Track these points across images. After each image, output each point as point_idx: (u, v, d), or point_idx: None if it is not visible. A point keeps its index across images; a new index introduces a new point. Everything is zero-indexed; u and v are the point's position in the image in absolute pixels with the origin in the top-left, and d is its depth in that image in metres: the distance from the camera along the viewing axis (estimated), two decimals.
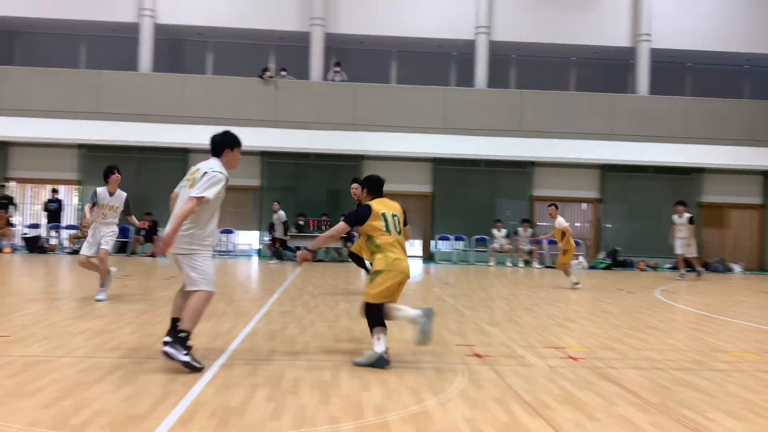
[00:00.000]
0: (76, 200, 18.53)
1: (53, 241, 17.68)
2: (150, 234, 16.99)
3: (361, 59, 21.45)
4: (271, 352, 5.41)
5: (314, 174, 19.08)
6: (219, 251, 18.46)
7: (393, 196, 5.54)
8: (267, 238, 18.18)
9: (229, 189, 5.03)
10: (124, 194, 8.44)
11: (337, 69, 19.78)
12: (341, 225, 5.24)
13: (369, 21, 20.16)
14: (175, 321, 4.86)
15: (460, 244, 19.14)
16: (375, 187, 5.43)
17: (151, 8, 19.38)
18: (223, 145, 4.97)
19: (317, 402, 4.00)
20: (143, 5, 19.30)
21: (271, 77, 18.88)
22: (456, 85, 21.55)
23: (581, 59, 21.97)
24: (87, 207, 8.43)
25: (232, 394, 4.11)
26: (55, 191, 17.73)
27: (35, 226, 18.06)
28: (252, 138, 18.20)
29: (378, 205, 5.24)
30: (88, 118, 18.01)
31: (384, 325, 4.99)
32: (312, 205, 18.54)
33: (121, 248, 17.23)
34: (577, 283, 11.75)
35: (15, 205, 17.38)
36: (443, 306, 8.76)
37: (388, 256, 5.04)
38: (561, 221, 11.94)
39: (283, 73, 19.40)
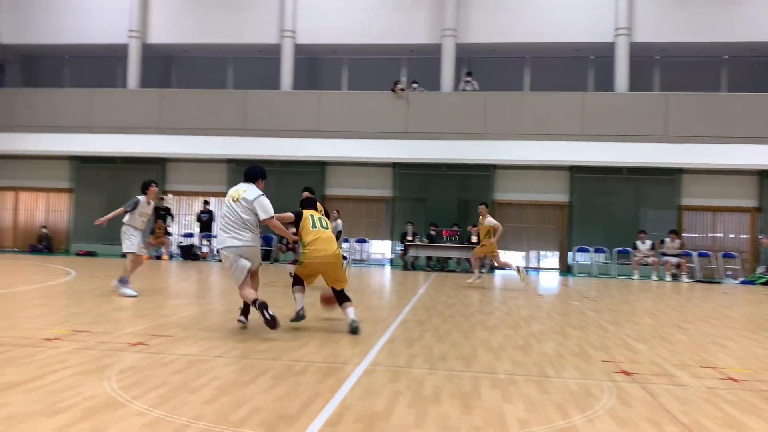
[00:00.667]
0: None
1: (205, 249, 19.05)
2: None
3: (493, 68, 21.26)
4: (410, 360, 5.47)
5: (445, 184, 19.12)
6: (354, 260, 19.00)
7: (527, 206, 5.44)
8: (399, 248, 18.48)
9: (363, 200, 5.24)
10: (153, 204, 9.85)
11: (468, 79, 19.73)
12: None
13: (501, 29, 19.96)
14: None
15: (601, 256, 18.31)
16: None
17: (292, 29, 20.44)
18: (259, 175, 6.78)
19: (459, 412, 3.98)
20: (285, 27, 20.40)
21: (402, 90, 19.22)
22: (594, 89, 20.75)
23: (734, 57, 20.35)
24: (119, 211, 9.52)
25: (375, 399, 4.19)
26: (206, 203, 19.13)
27: (189, 235, 19.58)
28: (384, 150, 18.76)
29: None
30: (235, 134, 19.30)
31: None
32: (442, 216, 18.60)
33: (265, 256, 18.22)
34: (478, 278, 13.19)
35: (172, 215, 18.94)
36: (584, 320, 8.41)
37: None
38: (491, 220, 12.72)
39: (415, 85, 19.68)
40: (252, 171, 6.77)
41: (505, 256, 15.55)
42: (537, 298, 11.19)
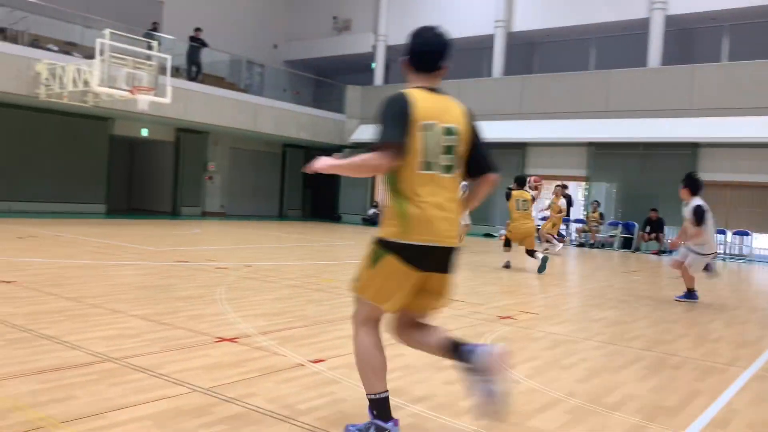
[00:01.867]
0: (581, 195, 19.59)
1: (563, 235, 19.11)
2: (655, 229, 16.81)
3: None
4: None
5: None
6: (732, 255, 16.91)
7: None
8: None
9: (746, 186, 4.57)
10: None
11: None
12: None
13: None
14: None
15: None
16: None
17: (663, 0, 18.93)
18: None
19: None
20: None
21: None
22: None
23: None
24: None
25: None
26: (564, 187, 19.09)
27: (547, 219, 19.82)
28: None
29: None
30: (597, 116, 18.79)
31: None
32: None
33: (626, 244, 17.47)
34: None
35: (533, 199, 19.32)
36: None
37: None
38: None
39: None
40: None
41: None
42: None
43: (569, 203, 18.95)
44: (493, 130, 20.22)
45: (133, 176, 23.62)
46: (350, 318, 2.99)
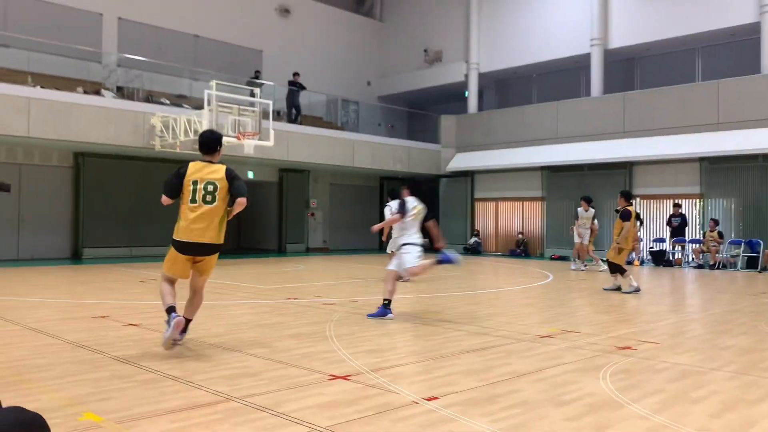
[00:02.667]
0: (696, 214, 18.49)
1: (677, 255, 18.06)
2: None
3: None
4: None
5: None
6: None
7: None
8: None
9: None
10: None
11: None
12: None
13: None
14: None
15: None
16: None
17: None
18: None
19: None
20: (764, 1, 17.91)
21: None
22: None
23: None
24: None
25: None
26: (677, 206, 18.13)
27: (660, 240, 18.85)
28: None
29: None
30: (708, 130, 17.77)
31: None
32: None
33: (750, 264, 16.26)
34: None
35: (641, 220, 18.49)
36: None
37: None
38: None
39: None
40: None
41: None
42: None
43: (677, 222, 18.02)
44: (595, 151, 19.74)
45: (241, 216, 24.66)
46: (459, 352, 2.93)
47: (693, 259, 17.44)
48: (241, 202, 5.34)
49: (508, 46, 23.73)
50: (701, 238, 17.44)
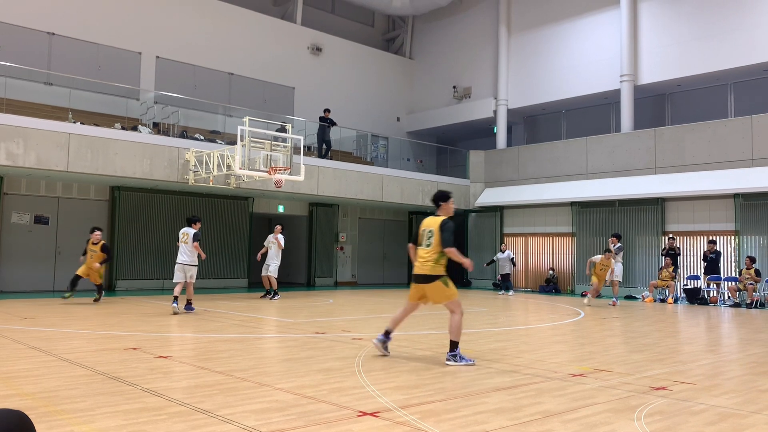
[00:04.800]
0: (732, 251, 18.08)
1: (713, 293, 17.64)
2: None
3: None
4: None
5: None
6: None
7: None
8: None
9: None
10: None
11: None
12: None
13: None
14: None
15: None
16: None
17: None
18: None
19: None
20: None
21: None
22: None
23: None
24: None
25: None
26: (712, 242, 17.78)
27: (695, 277, 18.45)
28: None
29: None
30: (742, 165, 17.52)
31: None
32: None
33: None
34: None
35: (674, 258, 18.14)
36: None
37: None
38: None
39: None
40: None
41: None
42: None
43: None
44: (625, 186, 19.53)
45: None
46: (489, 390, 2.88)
47: (729, 297, 17.02)
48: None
49: (536, 83, 23.83)
50: (737, 276, 17.03)
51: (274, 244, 15.73)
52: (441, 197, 7.06)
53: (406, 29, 28.37)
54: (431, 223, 6.85)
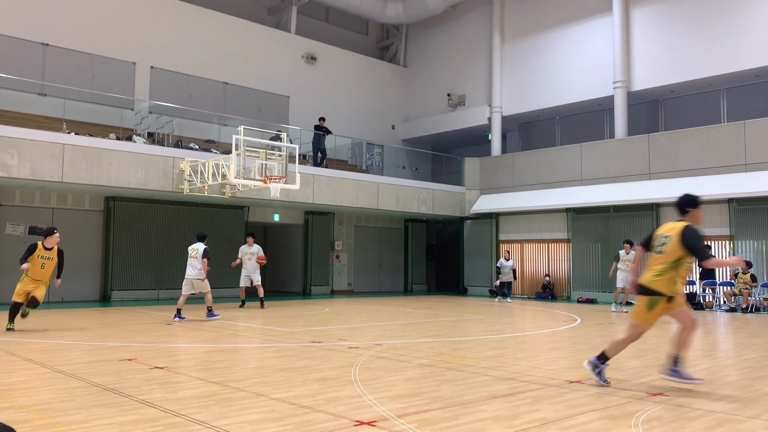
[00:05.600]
0: (727, 256, 18.10)
1: (708, 298, 17.68)
2: None
3: None
4: None
5: None
6: None
7: None
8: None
9: None
10: None
11: None
12: None
13: None
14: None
15: None
16: None
17: None
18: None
19: None
20: None
21: None
22: None
23: None
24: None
25: None
26: (707, 247, 17.78)
27: (690, 282, 18.48)
28: None
29: None
30: (735, 171, 17.60)
31: None
32: None
33: None
34: None
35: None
36: None
37: None
38: None
39: None
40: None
41: None
42: None
43: None
44: (620, 192, 19.59)
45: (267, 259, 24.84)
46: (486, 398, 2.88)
47: (725, 302, 17.05)
48: None
49: (530, 90, 23.92)
50: (733, 281, 17.07)
51: (254, 256, 15.79)
52: (688, 202, 6.11)
53: (401, 37, 28.47)
54: (669, 229, 5.98)
